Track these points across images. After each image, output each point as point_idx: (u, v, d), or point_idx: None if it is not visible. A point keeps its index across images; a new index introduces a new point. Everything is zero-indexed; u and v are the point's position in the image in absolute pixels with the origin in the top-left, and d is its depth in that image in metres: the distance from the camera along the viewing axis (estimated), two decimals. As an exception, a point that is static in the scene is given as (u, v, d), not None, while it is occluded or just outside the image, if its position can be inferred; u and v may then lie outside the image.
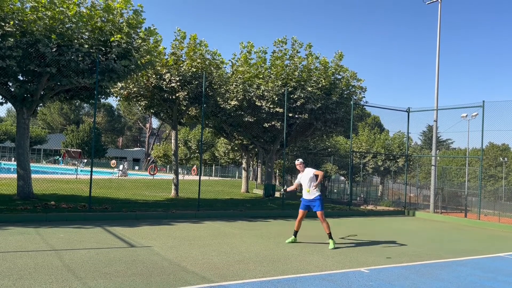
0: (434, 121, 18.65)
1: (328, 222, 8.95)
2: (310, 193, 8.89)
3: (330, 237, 8.81)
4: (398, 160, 36.28)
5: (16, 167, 12.98)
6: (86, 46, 11.55)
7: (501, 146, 48.17)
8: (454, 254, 8.94)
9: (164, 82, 16.09)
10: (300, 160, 9.15)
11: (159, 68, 15.97)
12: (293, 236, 9.16)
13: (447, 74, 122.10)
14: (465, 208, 20.31)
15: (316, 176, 8.81)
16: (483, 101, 15.58)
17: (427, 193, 27.95)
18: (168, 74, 15.97)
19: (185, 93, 15.98)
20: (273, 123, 18.62)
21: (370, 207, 20.67)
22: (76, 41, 11.51)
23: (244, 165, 26.56)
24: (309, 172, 8.93)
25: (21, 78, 12.35)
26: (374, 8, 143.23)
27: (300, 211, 9.11)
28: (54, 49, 11.14)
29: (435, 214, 17.80)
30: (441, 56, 18.84)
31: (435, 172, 19.08)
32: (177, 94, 16.11)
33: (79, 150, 50.25)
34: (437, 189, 21.17)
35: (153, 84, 16.31)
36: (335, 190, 40.38)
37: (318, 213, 8.86)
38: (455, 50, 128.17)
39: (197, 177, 25.28)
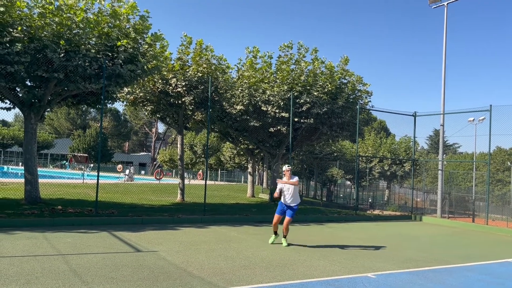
0: (440, 125, 18.56)
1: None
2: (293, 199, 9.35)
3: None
4: (404, 165, 36.11)
5: (23, 172, 13.05)
6: (93, 51, 11.64)
7: (509, 150, 47.77)
8: (462, 259, 8.87)
9: (170, 87, 16.16)
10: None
11: (165, 73, 16.03)
12: (274, 236, 9.59)
13: (454, 78, 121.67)
14: (473, 213, 20.16)
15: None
16: (490, 105, 15.51)
17: (434, 198, 27.77)
18: (174, 79, 16.04)
19: (191, 98, 16.02)
20: (278, 127, 18.61)
21: (376, 211, 20.57)
22: (83, 46, 11.60)
23: (249, 169, 26.54)
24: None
25: (29, 84, 12.44)
26: (380, 12, 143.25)
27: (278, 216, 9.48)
28: (62, 55, 11.22)
29: (442, 219, 17.68)
30: (447, 60, 18.78)
31: (442, 177, 18.97)
32: (183, 99, 16.16)
33: (86, 155, 50.50)
34: (444, 193, 21.02)
35: (159, 89, 16.38)
36: (341, 195, 40.27)
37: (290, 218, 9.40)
38: (461, 53, 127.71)
39: (203, 182, 25.29)
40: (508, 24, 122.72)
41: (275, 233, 9.59)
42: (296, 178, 9.35)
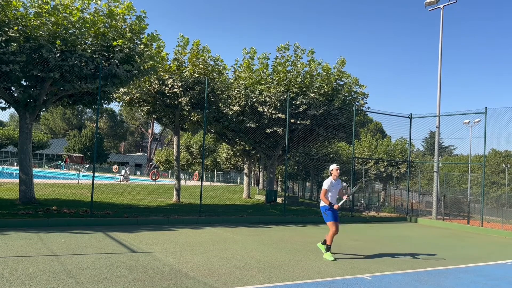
0: (436, 127, 18.63)
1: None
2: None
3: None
4: (400, 166, 36.21)
5: (18, 172, 12.99)
6: (89, 51, 11.60)
7: (504, 152, 48.01)
8: (457, 261, 8.89)
9: (167, 88, 16.13)
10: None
11: (161, 73, 16.01)
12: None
13: (449, 80, 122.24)
14: (468, 215, 20.23)
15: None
16: (485, 107, 15.58)
17: (430, 200, 27.87)
18: (171, 80, 16.01)
19: (188, 98, 16.00)
20: (275, 129, 18.61)
21: (372, 213, 20.60)
22: (79, 46, 11.56)
23: (246, 170, 26.53)
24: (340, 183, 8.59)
25: (24, 83, 12.39)
26: (376, 15, 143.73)
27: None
28: (58, 55, 11.18)
29: (438, 220, 17.73)
30: (443, 63, 18.84)
31: (437, 179, 19.03)
32: (180, 100, 16.14)
33: (81, 155, 50.25)
34: (440, 195, 21.09)
35: (155, 90, 16.35)
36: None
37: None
38: (457, 58, 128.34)
39: (198, 183, 25.26)
40: (504, 28, 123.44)
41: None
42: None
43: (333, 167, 8.47)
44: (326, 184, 8.37)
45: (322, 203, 8.42)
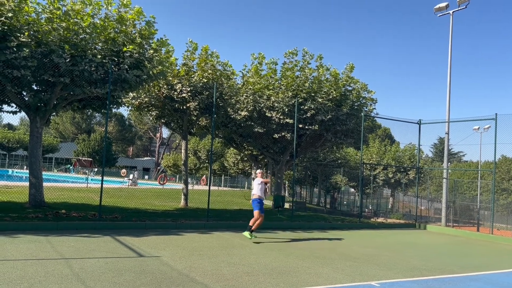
0: (445, 133, 18.50)
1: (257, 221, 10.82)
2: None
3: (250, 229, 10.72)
4: (409, 173, 35.97)
5: (28, 175, 13.10)
6: (99, 56, 11.71)
7: (514, 159, 47.44)
8: (466, 269, 8.80)
9: (175, 93, 16.21)
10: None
11: (170, 78, 16.10)
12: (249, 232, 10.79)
13: (459, 85, 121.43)
14: (478, 222, 20.02)
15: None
16: (496, 113, 15.45)
17: (438, 206, 27.65)
18: (180, 85, 16.09)
19: (196, 103, 16.06)
20: (283, 134, 18.60)
21: (380, 219, 20.46)
22: (89, 51, 11.68)
23: (253, 175, 26.52)
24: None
25: (35, 88, 12.52)
26: (385, 20, 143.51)
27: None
28: (68, 60, 11.30)
29: (447, 227, 17.56)
30: (452, 67, 18.74)
31: (446, 185, 18.87)
32: (188, 105, 16.21)
33: (90, 159, 50.57)
34: (449, 202, 20.91)
35: (164, 94, 16.44)
36: (345, 202, 40.14)
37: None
38: (467, 62, 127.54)
39: (206, 187, 25.28)
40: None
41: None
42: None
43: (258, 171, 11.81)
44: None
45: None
